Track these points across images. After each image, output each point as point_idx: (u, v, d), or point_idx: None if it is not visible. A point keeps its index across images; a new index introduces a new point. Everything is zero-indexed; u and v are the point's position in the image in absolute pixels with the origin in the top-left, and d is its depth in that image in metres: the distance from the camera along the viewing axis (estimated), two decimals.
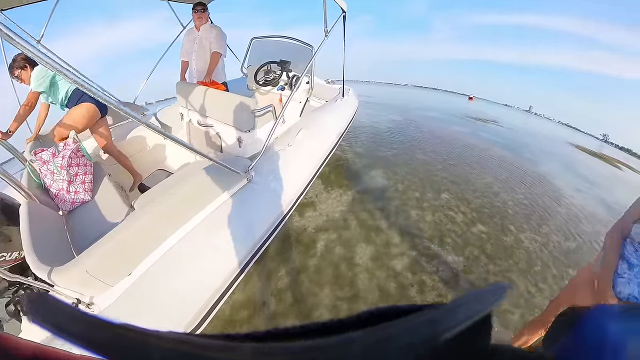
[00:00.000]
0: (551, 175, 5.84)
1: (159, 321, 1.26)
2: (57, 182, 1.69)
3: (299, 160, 2.28)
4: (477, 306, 0.14)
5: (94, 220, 1.64)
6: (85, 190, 1.76)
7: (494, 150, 6.79)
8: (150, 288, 1.28)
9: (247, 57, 3.45)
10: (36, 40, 2.90)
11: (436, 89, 78.09)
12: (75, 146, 1.78)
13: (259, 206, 1.83)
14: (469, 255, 2.66)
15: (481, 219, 3.31)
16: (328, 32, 2.23)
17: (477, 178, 4.60)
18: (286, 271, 2.34)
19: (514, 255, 2.76)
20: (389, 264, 2.44)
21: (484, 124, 11.94)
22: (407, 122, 8.57)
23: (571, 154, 10.77)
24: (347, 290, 2.20)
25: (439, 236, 2.87)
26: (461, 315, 0.13)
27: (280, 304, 2.09)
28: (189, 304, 1.35)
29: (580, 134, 33.49)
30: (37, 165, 1.70)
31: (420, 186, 3.92)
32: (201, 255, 1.46)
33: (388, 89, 33.24)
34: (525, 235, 3.14)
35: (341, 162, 4.44)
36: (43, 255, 1.17)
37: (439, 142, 6.52)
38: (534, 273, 2.57)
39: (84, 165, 1.80)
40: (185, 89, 2.49)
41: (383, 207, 3.30)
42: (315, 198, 3.35)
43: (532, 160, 6.71)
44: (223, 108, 2.23)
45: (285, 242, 2.64)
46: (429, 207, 3.39)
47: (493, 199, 3.89)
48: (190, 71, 3.08)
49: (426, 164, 4.83)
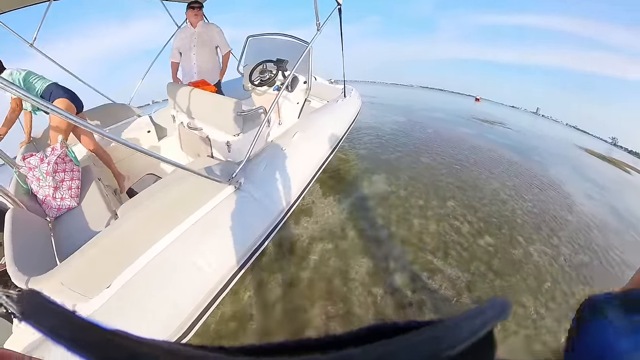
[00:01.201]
0: (560, 180, 5.66)
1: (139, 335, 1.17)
2: (43, 189, 1.65)
3: (294, 165, 2.16)
4: (479, 322, 0.14)
5: (79, 227, 1.60)
6: (72, 196, 1.73)
7: (502, 154, 6.61)
8: (130, 301, 1.23)
9: (243, 56, 3.32)
10: (29, 43, 2.89)
11: (442, 90, 77.83)
12: (62, 151, 1.74)
13: (248, 215, 1.73)
14: (474, 270, 2.49)
15: (488, 229, 3.14)
16: (321, 25, 2.12)
17: (485, 183, 4.42)
18: (276, 283, 2.23)
19: (522, 270, 2.59)
20: (387, 280, 2.29)
21: (491, 125, 11.74)
22: (411, 123, 8.40)
23: (580, 157, 10.57)
24: (339, 307, 2.06)
25: (443, 249, 2.70)
26: (464, 332, 0.13)
27: (268, 318, 1.98)
28: (170, 317, 1.30)
29: (589, 137, 33.05)
30: (25, 170, 1.67)
31: (425, 192, 3.75)
32: (184, 267, 1.40)
33: (393, 89, 33.07)
34: (535, 248, 2.97)
35: (342, 166, 4.29)
36: (24, 264, 1.13)
37: (444, 145, 6.33)
38: (544, 291, 2.40)
39: (71, 171, 1.77)
40: (175, 91, 2.38)
41: (384, 216, 3.14)
42: (312, 204, 3.21)
43: (540, 164, 6.53)
44: (210, 110, 2.12)
45: (277, 251, 2.52)
46: (433, 216, 3.22)
47: (501, 207, 3.71)
48: (190, 68, 2.99)
49: (431, 168, 4.66)
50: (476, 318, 0.14)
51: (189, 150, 2.51)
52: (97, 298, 1.20)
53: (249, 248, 1.66)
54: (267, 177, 1.97)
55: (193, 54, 2.93)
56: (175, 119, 2.58)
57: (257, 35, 3.33)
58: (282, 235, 2.68)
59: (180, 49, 2.94)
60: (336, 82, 4.21)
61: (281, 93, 1.89)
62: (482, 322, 0.14)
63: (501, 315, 0.15)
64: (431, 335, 0.13)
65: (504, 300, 0.16)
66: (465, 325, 0.13)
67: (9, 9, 2.55)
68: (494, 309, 0.15)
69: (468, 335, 0.13)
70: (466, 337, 0.13)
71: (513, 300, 2.26)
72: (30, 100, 0.85)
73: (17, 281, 1.04)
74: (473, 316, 0.14)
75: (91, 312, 1.18)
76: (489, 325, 0.14)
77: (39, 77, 2.14)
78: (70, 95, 2.18)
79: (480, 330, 0.13)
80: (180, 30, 2.97)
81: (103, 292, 1.22)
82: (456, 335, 0.13)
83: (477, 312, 0.14)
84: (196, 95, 2.19)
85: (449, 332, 0.13)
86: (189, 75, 3.00)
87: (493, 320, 0.14)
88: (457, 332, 0.13)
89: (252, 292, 2.16)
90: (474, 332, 0.13)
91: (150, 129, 2.76)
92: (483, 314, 0.14)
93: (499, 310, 0.15)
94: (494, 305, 0.15)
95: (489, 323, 0.14)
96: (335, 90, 3.83)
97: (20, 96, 0.85)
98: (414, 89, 43.84)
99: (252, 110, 2.12)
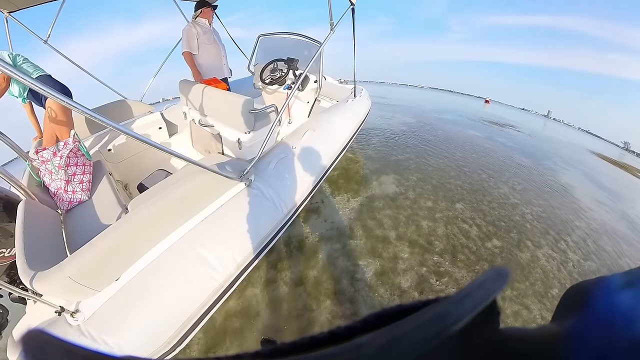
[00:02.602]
0: (571, 185, 5.57)
1: (146, 328, 1.22)
2: (55, 182, 1.70)
3: (303, 164, 2.17)
4: (481, 294, 0.14)
5: (90, 220, 1.63)
6: (83, 190, 1.77)
7: (512, 157, 6.52)
8: (138, 294, 1.25)
9: (254, 55, 3.34)
10: (43, 40, 2.98)
11: (451, 91, 77.05)
12: (74, 145, 1.78)
13: (258, 212, 1.75)
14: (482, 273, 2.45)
15: (497, 233, 3.10)
16: (334, 25, 2.12)
17: (494, 187, 4.37)
18: (284, 281, 2.24)
19: (530, 275, 2.56)
20: (395, 281, 2.28)
21: (501, 128, 11.59)
22: (421, 124, 8.32)
23: (591, 162, 10.39)
24: (346, 307, 2.06)
25: (451, 251, 2.68)
26: (467, 306, 0.13)
27: (275, 316, 1.99)
28: (178, 311, 1.32)
29: (601, 141, 32.41)
30: (38, 163, 1.70)
31: (433, 194, 3.71)
32: (193, 262, 1.42)
33: (403, 90, 32.82)
34: (543, 252, 2.93)
35: (351, 166, 4.28)
36: (34, 255, 1.15)
37: (454, 147, 6.26)
38: (550, 297, 2.37)
39: (83, 165, 1.81)
40: (187, 88, 2.40)
41: (392, 216, 3.12)
42: (321, 203, 3.21)
43: (551, 169, 6.43)
44: (222, 108, 2.13)
45: (285, 249, 2.52)
46: (442, 218, 3.19)
47: (511, 212, 3.66)
48: (220, 61, 3.10)
49: (440, 170, 4.62)
50: (478, 290, 0.14)
51: (199, 147, 2.53)
52: (105, 291, 1.22)
53: (258, 245, 1.68)
54: (277, 175, 1.98)
55: (222, 48, 3.00)
56: (186, 116, 2.60)
57: (268, 34, 3.34)
58: (290, 233, 2.70)
59: (201, 42, 2.93)
60: (346, 82, 4.20)
61: (293, 92, 1.89)
62: (485, 294, 0.14)
63: (502, 284, 0.15)
64: (436, 313, 0.13)
65: (503, 268, 0.16)
66: (468, 298, 0.14)
67: (24, 7, 2.62)
68: (494, 279, 0.15)
69: (472, 308, 0.13)
70: (470, 310, 0.13)
71: (522, 307, 2.24)
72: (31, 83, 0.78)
73: (24, 277, 1.06)
74: (475, 289, 0.14)
75: (99, 305, 1.19)
76: (491, 296, 0.14)
77: (33, 65, 2.02)
78: (64, 89, 2.07)
79: (484, 302, 0.14)
80: (196, 25, 2.92)
81: (112, 285, 1.24)
82: (460, 309, 0.13)
83: (479, 284, 0.15)
84: (208, 92, 2.20)
85: (454, 307, 0.13)
86: (219, 71, 3.05)
87: (494, 290, 0.14)
88: (461, 307, 0.13)
89: (259, 289, 2.18)
90: (478, 304, 0.14)
91: (162, 125, 2.79)
92: (485, 285, 0.15)
93: (499, 280, 0.15)
94: (494, 275, 0.15)
95: (491, 294, 0.14)
96: (345, 90, 3.83)
97: (17, 78, 0.77)
98: (424, 90, 43.47)
99: (263, 108, 2.12)
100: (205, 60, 3.00)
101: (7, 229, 1.42)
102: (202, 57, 2.98)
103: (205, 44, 2.93)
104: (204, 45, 2.93)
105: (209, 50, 2.97)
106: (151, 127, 2.73)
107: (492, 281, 0.15)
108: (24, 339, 0.12)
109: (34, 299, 1.10)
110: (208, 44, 2.94)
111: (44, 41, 2.99)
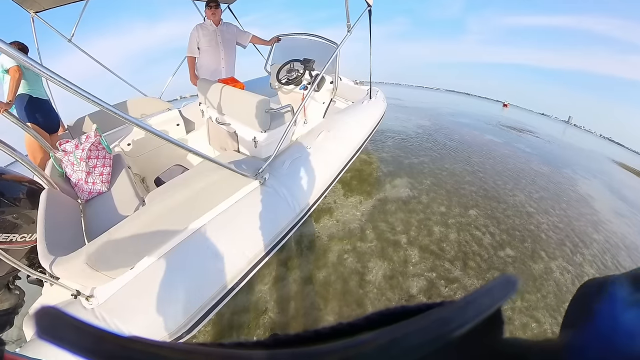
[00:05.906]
0: (590, 195, 5.38)
1: (156, 316, 1.26)
2: (76, 173, 1.76)
3: (317, 165, 2.19)
4: (487, 301, 0.14)
5: (108, 211, 1.68)
6: (103, 181, 1.83)
7: (530, 164, 6.36)
8: (151, 284, 1.30)
9: (271, 55, 3.37)
10: (67, 39, 3.09)
11: (468, 94, 75.67)
12: (96, 139, 1.85)
13: (271, 210, 1.79)
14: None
15: (511, 242, 3.04)
16: (351, 27, 2.11)
17: (510, 194, 4.28)
18: (293, 279, 2.26)
19: (542, 287, 2.50)
20: (404, 285, 2.28)
21: (519, 133, 11.33)
22: (436, 128, 8.22)
23: (613, 172, 10.03)
24: (353, 308, 2.07)
25: (462, 258, 2.65)
26: (471, 312, 0.13)
27: (282, 313, 2.02)
28: (187, 303, 1.35)
29: (624, 150, 31.31)
30: (61, 155, 1.78)
31: (447, 199, 3.67)
32: (206, 255, 1.47)
33: (419, 92, 32.42)
34: (557, 264, 2.85)
35: (364, 167, 4.27)
36: (54, 241, 1.19)
37: (469, 152, 6.17)
38: (563, 312, 2.29)
39: (103, 158, 1.87)
40: (205, 86, 2.44)
41: (404, 220, 3.10)
42: (333, 204, 3.22)
43: (570, 177, 6.25)
44: (239, 106, 2.16)
45: (297, 247, 2.55)
46: (455, 224, 3.15)
47: (526, 220, 3.58)
48: (218, 64, 3.08)
49: (455, 175, 4.56)
50: (484, 297, 0.14)
51: (216, 144, 2.58)
52: (120, 278, 1.26)
53: (269, 242, 1.71)
54: (291, 174, 2.01)
55: (221, 50, 3.00)
56: (204, 114, 2.65)
57: (285, 34, 3.37)
58: (302, 232, 2.72)
59: (201, 45, 2.99)
60: (361, 83, 4.19)
61: (310, 92, 1.91)
62: (490, 302, 0.14)
63: (509, 293, 0.15)
64: (439, 317, 0.13)
65: (511, 277, 0.16)
66: (473, 304, 0.14)
67: (49, 7, 2.73)
68: (502, 287, 0.15)
69: (476, 315, 0.13)
70: (474, 316, 0.13)
71: (532, 320, 2.20)
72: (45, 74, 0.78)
73: (43, 261, 1.10)
74: (481, 296, 0.14)
75: (113, 291, 1.24)
76: (497, 304, 0.14)
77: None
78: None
79: (488, 310, 0.14)
80: (200, 27, 2.98)
81: (126, 273, 1.29)
82: (464, 315, 0.13)
83: (485, 291, 0.14)
84: (226, 91, 2.24)
85: (458, 312, 0.13)
86: (216, 73, 3.07)
87: (501, 298, 0.14)
88: (466, 313, 0.13)
89: (269, 285, 2.20)
90: (482, 311, 0.14)
91: (179, 122, 2.85)
92: (491, 293, 0.14)
93: (506, 288, 0.15)
94: (501, 283, 0.15)
95: (496, 302, 0.14)
96: (361, 91, 3.82)
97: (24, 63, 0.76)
98: (441, 92, 42.91)
99: (279, 108, 2.15)
100: (203, 62, 3.07)
101: (29, 215, 1.46)
102: (201, 59, 3.05)
103: (205, 47, 2.99)
104: (204, 47, 3.00)
105: (208, 53, 3.02)
106: (169, 123, 2.80)
107: (499, 289, 0.15)
108: (37, 314, 0.12)
109: (51, 282, 1.15)
110: (208, 47, 2.99)
111: (68, 40, 3.09)
